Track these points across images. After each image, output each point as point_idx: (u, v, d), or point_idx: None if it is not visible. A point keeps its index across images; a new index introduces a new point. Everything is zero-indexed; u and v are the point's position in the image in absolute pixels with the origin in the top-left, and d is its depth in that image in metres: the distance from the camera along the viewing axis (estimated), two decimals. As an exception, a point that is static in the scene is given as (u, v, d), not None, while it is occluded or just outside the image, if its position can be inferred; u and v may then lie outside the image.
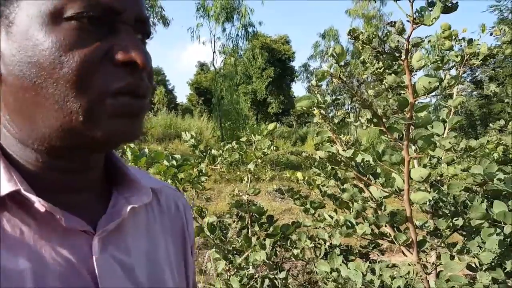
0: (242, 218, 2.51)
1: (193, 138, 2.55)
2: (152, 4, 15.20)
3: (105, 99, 0.46)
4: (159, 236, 0.62)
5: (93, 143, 0.48)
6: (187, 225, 0.71)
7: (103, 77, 0.46)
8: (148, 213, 0.62)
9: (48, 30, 0.44)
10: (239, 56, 21.01)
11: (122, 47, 0.47)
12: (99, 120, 0.46)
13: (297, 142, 21.10)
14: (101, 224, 0.52)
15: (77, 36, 0.45)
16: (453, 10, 1.28)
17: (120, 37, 0.48)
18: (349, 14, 26.19)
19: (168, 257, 0.62)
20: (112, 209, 0.55)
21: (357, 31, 1.49)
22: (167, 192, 0.69)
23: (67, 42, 0.44)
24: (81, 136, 0.47)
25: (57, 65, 0.43)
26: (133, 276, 0.53)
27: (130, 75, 0.48)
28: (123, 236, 0.54)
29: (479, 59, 1.96)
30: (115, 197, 0.56)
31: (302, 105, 1.79)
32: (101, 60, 0.46)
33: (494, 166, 1.65)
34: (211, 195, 8.70)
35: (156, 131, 16.58)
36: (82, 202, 0.53)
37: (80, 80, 0.44)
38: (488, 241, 1.51)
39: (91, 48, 0.45)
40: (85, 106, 0.45)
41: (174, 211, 0.68)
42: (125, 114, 0.48)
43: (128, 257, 0.54)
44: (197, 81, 37.11)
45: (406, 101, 1.45)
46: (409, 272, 1.76)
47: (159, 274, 0.58)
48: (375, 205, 1.88)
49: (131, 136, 0.50)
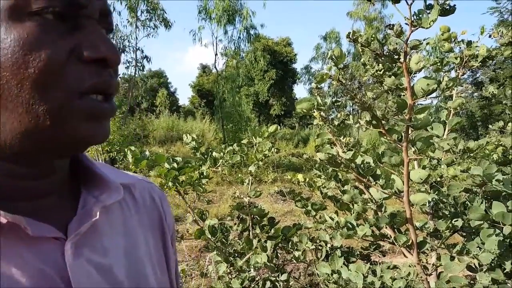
0: (243, 220, 2.52)
1: (194, 141, 2.56)
2: (154, 6, 15.25)
3: (73, 100, 0.43)
4: (137, 231, 0.60)
5: (60, 148, 0.46)
6: (165, 216, 0.68)
7: (71, 76, 0.43)
8: (123, 210, 0.60)
9: (9, 27, 0.40)
10: (241, 58, 21.05)
11: (90, 43, 0.44)
12: (68, 123, 0.43)
13: (299, 144, 21.10)
14: (72, 227, 0.49)
15: (42, 32, 0.41)
16: (451, 12, 1.29)
17: (86, 32, 0.45)
18: (351, 16, 26.23)
19: (148, 251, 0.60)
20: (82, 210, 0.51)
21: (356, 34, 1.50)
22: (141, 185, 0.67)
23: (31, 40, 0.41)
24: (47, 140, 0.44)
25: (21, 65, 0.40)
26: (111, 276, 0.51)
27: (99, 73, 0.45)
28: (98, 236, 0.52)
29: (478, 61, 1.97)
30: (84, 197, 0.53)
31: (302, 108, 1.80)
32: (68, 58, 0.43)
33: (493, 167, 1.66)
34: (213, 197, 8.71)
35: (158, 134, 16.63)
36: (49, 207, 0.49)
37: (47, 80, 0.41)
38: (488, 242, 1.52)
39: (57, 45, 0.42)
40: (52, 108, 0.42)
41: (150, 203, 0.66)
42: (94, 116, 0.45)
43: (105, 257, 0.51)
44: (199, 83, 37.19)
45: (405, 103, 1.46)
46: (410, 273, 1.76)
47: (140, 270, 0.56)
48: (375, 206, 1.89)
49: (101, 139, 0.47)
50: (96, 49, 0.44)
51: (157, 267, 0.61)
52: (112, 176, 0.58)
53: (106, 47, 0.45)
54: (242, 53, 20.49)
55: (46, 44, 0.41)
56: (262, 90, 31.09)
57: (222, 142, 15.85)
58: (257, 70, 30.37)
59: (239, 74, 20.09)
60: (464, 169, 1.86)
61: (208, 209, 3.34)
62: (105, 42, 0.45)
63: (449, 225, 1.75)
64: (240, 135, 15.07)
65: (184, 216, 6.27)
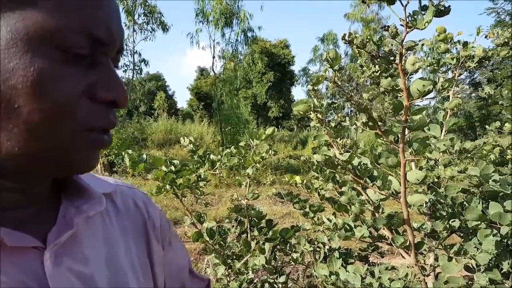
0: (241, 222, 2.52)
1: (191, 143, 2.56)
2: (151, 10, 15.25)
3: (78, 134, 0.45)
4: (118, 240, 0.60)
5: (54, 172, 0.48)
6: (153, 220, 0.68)
7: (81, 113, 0.44)
8: (104, 219, 0.60)
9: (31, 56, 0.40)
10: (239, 61, 21.05)
11: (105, 84, 0.46)
12: (69, 153, 0.45)
13: (297, 146, 21.11)
14: (51, 236, 0.49)
15: (65, 67, 0.42)
16: (446, 13, 1.30)
17: (102, 71, 0.46)
18: (348, 18, 26.31)
19: (130, 260, 0.60)
20: (62, 219, 0.51)
21: (351, 36, 1.50)
22: (123, 191, 0.67)
23: (54, 74, 0.41)
24: (44, 165, 0.45)
25: (38, 95, 0.40)
26: (92, 285, 0.51)
27: (106, 113, 0.47)
28: (78, 246, 0.52)
29: (474, 62, 1.97)
30: (65, 207, 0.53)
31: (298, 109, 1.81)
32: (82, 95, 0.44)
33: (490, 167, 1.66)
34: (212, 200, 8.70)
35: (156, 137, 16.62)
36: (28, 217, 0.49)
37: (59, 114, 0.42)
38: (485, 242, 1.52)
39: (75, 82, 0.43)
40: (57, 139, 0.43)
41: (133, 210, 0.66)
42: (94, 147, 0.48)
43: (86, 266, 0.51)
44: (197, 86, 37.20)
45: (401, 104, 1.46)
46: (408, 274, 1.76)
47: (121, 279, 0.56)
48: (372, 207, 1.89)
49: (93, 167, 0.50)
50: (109, 91, 0.46)
51: (140, 275, 0.61)
52: (94, 185, 0.58)
53: (118, 90, 0.47)
54: (239, 55, 20.50)
55: (66, 79, 0.42)
56: (260, 92, 31.12)
57: (220, 144, 15.83)
58: (255, 73, 30.40)
59: (237, 77, 20.10)
60: (461, 170, 1.86)
61: (206, 211, 3.34)
62: (117, 84, 0.47)
63: (446, 226, 1.75)
64: (239, 138, 15.05)
65: (182, 219, 6.26)
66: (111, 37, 0.46)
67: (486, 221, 1.52)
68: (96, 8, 0.44)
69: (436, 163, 2.00)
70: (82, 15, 0.43)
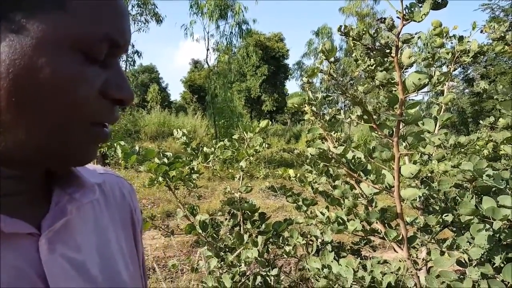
0: (234, 215, 2.51)
1: (184, 136, 2.54)
2: (145, 1, 15.12)
3: (85, 127, 0.47)
4: (108, 228, 0.61)
5: (56, 164, 0.49)
6: (135, 210, 0.70)
7: (92, 110, 0.47)
8: (94, 207, 0.61)
9: (58, 56, 0.43)
10: (233, 54, 20.96)
11: (116, 83, 0.49)
12: (74, 146, 0.48)
13: (291, 140, 21.14)
14: (45, 223, 0.50)
15: (84, 68, 0.45)
16: (443, 6, 1.29)
17: (113, 71, 0.49)
18: (343, 12, 26.29)
19: (120, 247, 0.62)
20: (56, 206, 0.52)
21: (347, 28, 1.49)
22: (110, 180, 0.68)
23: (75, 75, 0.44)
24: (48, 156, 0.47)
25: (62, 93, 0.43)
26: (85, 272, 0.52)
27: (112, 109, 0.50)
28: (71, 233, 0.53)
29: (469, 56, 1.97)
30: (58, 194, 0.54)
31: (293, 102, 1.79)
32: (98, 93, 0.47)
33: (483, 162, 1.66)
34: (205, 193, 8.70)
35: (149, 129, 16.54)
36: (24, 203, 0.50)
37: (75, 110, 0.45)
38: (477, 237, 1.52)
39: (93, 83, 0.46)
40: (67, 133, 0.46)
41: (119, 199, 0.68)
42: (97, 141, 0.50)
43: (79, 254, 0.52)
44: (191, 78, 37.08)
45: (396, 98, 1.46)
46: (400, 268, 1.77)
47: (113, 266, 0.58)
48: (366, 201, 1.88)
49: (92, 160, 0.52)
50: (120, 90, 0.49)
51: (129, 263, 0.63)
52: (85, 174, 0.59)
53: (128, 90, 0.50)
54: (234, 48, 20.40)
55: (87, 79, 0.45)
56: (254, 85, 31.06)
57: (214, 137, 15.80)
58: (249, 66, 30.31)
59: (231, 70, 20.02)
60: (455, 165, 1.86)
61: (199, 204, 3.33)
62: (127, 85, 0.51)
63: (439, 220, 1.75)
64: (232, 131, 15.02)
65: (175, 211, 6.25)
66: (126, 42, 0.50)
67: (479, 215, 1.53)
68: (115, 16, 0.48)
69: (430, 158, 2.00)
70: (105, 23, 0.46)
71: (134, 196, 0.73)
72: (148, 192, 8.21)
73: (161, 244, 5.47)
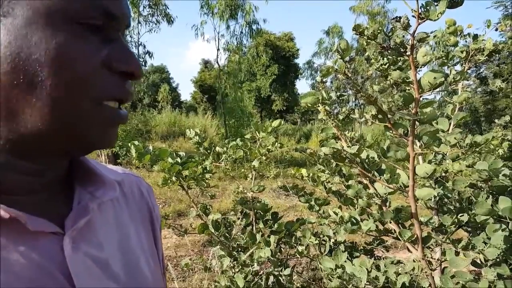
0: (247, 215, 2.51)
1: (197, 135, 2.55)
2: (156, 2, 15.19)
3: (95, 106, 0.46)
4: (129, 225, 0.62)
5: (71, 149, 0.49)
6: (154, 208, 0.71)
7: (98, 85, 0.46)
8: (114, 206, 0.61)
9: (52, 30, 0.42)
10: (243, 54, 20.97)
11: (121, 56, 0.48)
12: (87, 127, 0.46)
13: (301, 140, 21.10)
14: (69, 222, 0.49)
15: (81, 41, 0.44)
16: (459, 4, 1.28)
17: (116, 45, 0.48)
18: (353, 11, 26.14)
19: (141, 244, 0.62)
20: (78, 205, 0.52)
21: (362, 27, 1.48)
22: (129, 180, 0.68)
23: (72, 47, 0.43)
24: (62, 140, 0.46)
25: (60, 67, 0.42)
26: (108, 270, 0.52)
27: (121, 84, 0.49)
28: (93, 231, 0.53)
29: (484, 55, 1.95)
30: (79, 193, 0.54)
31: (307, 102, 1.79)
32: (101, 66, 0.46)
33: (499, 162, 1.65)
34: (216, 192, 8.71)
35: (160, 129, 16.64)
36: (45, 201, 0.50)
37: (80, 87, 0.44)
38: (493, 237, 1.51)
39: (94, 55, 0.45)
40: (76, 112, 0.45)
41: (138, 197, 0.68)
42: (112, 123, 0.49)
43: (101, 252, 0.52)
44: (201, 78, 37.16)
45: (411, 97, 1.45)
46: (414, 268, 1.75)
47: (135, 262, 0.58)
48: (380, 201, 1.88)
49: (112, 144, 0.51)
50: (127, 63, 0.48)
51: (150, 259, 0.63)
52: (105, 172, 0.59)
53: (134, 61, 0.49)
54: (244, 48, 20.41)
55: (86, 51, 0.44)
56: (264, 85, 31.03)
57: (224, 137, 15.83)
58: (259, 65, 30.27)
59: (241, 69, 20.03)
60: (470, 164, 1.85)
61: (211, 204, 3.33)
62: (133, 57, 0.49)
63: (454, 220, 1.74)
64: (242, 131, 15.04)
65: (187, 210, 6.27)
66: (122, 11, 0.49)
67: (495, 215, 1.51)
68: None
69: (444, 157, 1.98)
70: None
71: (152, 195, 0.73)
72: (159, 192, 8.25)
73: (172, 243, 5.50)
